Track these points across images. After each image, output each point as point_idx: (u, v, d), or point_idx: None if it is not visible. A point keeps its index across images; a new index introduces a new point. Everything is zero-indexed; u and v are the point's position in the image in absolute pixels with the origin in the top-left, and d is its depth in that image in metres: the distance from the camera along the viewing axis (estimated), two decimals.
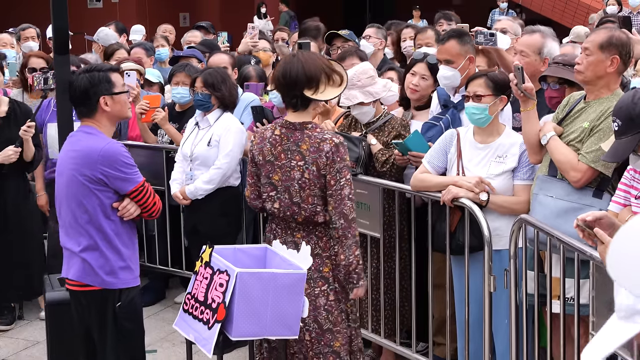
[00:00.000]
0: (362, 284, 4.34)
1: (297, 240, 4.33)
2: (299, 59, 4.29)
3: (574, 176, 4.31)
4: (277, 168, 4.32)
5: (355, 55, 6.39)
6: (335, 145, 4.21)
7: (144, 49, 8.34)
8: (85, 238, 4.20)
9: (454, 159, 4.83)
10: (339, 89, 4.34)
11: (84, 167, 4.16)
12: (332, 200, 4.22)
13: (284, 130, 4.31)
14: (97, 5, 21.41)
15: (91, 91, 4.22)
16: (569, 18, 17.40)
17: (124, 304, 4.23)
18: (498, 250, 4.60)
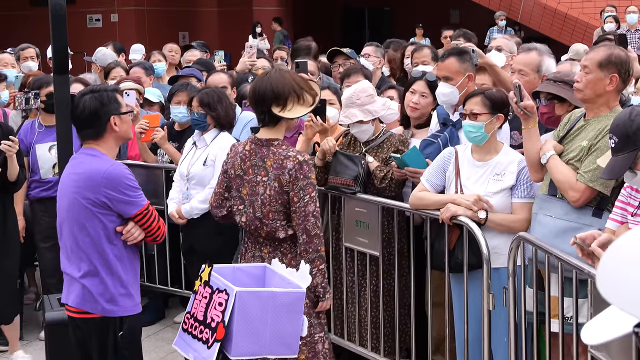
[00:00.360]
0: (327, 297, 4.42)
1: (263, 255, 4.46)
2: (269, 77, 4.37)
3: (572, 196, 4.31)
4: (245, 182, 4.45)
5: (360, 72, 6.43)
6: (299, 163, 4.28)
7: (143, 68, 8.35)
8: (85, 263, 4.12)
9: (452, 177, 4.85)
10: (309, 108, 4.40)
11: (86, 190, 4.09)
12: (295, 217, 4.32)
13: (253, 146, 4.43)
14: (96, 25, 21.50)
15: (102, 111, 4.15)
16: (567, 35, 17.46)
17: (125, 333, 4.17)
18: (497, 269, 4.60)
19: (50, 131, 6.57)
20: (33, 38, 10.76)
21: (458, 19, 23.29)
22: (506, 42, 6.89)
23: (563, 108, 4.82)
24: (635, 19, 14.52)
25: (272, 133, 4.41)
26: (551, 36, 17.75)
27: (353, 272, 5.50)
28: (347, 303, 5.56)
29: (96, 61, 9.03)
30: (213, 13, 23.60)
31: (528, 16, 18.47)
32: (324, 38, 8.26)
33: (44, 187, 6.52)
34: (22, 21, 20.47)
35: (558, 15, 17.84)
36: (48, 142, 6.54)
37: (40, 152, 6.51)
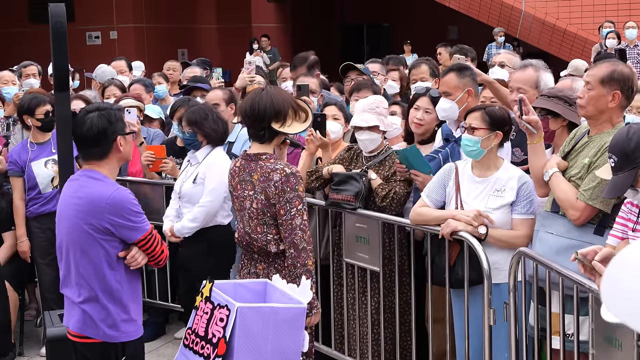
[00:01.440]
0: (315, 312, 4.40)
1: (258, 271, 4.48)
2: (268, 93, 4.38)
3: (572, 214, 4.29)
4: (235, 198, 4.52)
5: (371, 89, 6.46)
6: (285, 175, 4.30)
7: (143, 85, 8.36)
8: (85, 289, 4.03)
9: (453, 192, 4.85)
10: (304, 124, 4.44)
11: (89, 216, 3.97)
12: (282, 230, 4.33)
13: (243, 162, 4.47)
14: (95, 42, 21.54)
15: (109, 130, 4.03)
16: (565, 51, 17.52)
17: (128, 358, 4.11)
18: (497, 284, 4.60)
19: (43, 148, 6.61)
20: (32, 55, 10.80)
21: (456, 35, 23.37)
22: (510, 57, 6.92)
23: (557, 123, 4.81)
24: (634, 34, 14.57)
25: (263, 148, 4.43)
26: (550, 52, 17.81)
27: (354, 287, 5.50)
28: (348, 318, 5.55)
29: (96, 78, 9.06)
30: (212, 30, 23.68)
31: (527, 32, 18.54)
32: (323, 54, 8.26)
33: (42, 202, 6.54)
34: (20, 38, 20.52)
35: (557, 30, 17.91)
36: (43, 158, 6.59)
37: (37, 168, 6.54)
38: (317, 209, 5.70)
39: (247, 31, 23.02)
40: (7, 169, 6.64)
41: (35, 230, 6.58)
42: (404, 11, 24.95)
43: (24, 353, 6.66)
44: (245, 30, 23.03)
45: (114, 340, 4.07)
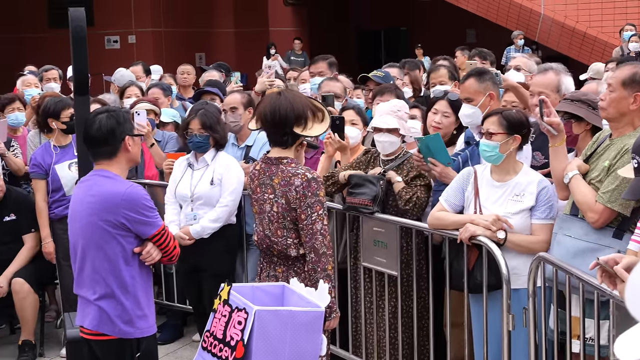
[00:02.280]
0: (334, 316, 4.44)
1: (277, 274, 4.50)
2: (287, 98, 4.39)
3: (591, 217, 4.26)
4: (254, 201, 4.53)
5: (394, 93, 6.46)
6: (307, 180, 4.31)
7: (161, 88, 8.40)
8: (101, 286, 4.11)
9: (471, 197, 4.84)
10: (324, 125, 4.45)
11: (105, 212, 4.07)
12: (303, 234, 4.36)
13: (263, 165, 4.48)
14: (114, 47, 21.66)
15: (117, 130, 4.14)
16: (585, 54, 17.44)
17: (143, 354, 4.17)
18: (516, 290, 4.58)
19: (65, 151, 6.67)
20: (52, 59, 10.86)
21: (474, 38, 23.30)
22: (525, 61, 6.89)
23: (580, 127, 4.78)
24: None
25: (284, 152, 4.45)
26: (569, 55, 17.73)
27: (371, 291, 5.49)
28: (365, 322, 5.55)
29: (114, 81, 9.10)
30: (230, 34, 23.73)
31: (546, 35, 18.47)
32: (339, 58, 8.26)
33: (67, 204, 6.53)
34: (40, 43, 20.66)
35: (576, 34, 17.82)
36: (66, 161, 6.65)
37: (61, 171, 6.59)
38: (334, 213, 5.70)
39: (264, 35, 23.06)
40: (30, 172, 6.69)
41: (59, 232, 6.61)
42: (421, 15, 24.91)
43: (44, 354, 6.71)
44: (262, 34, 23.07)
45: (130, 337, 4.14)
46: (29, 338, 6.62)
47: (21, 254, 6.70)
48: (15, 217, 6.73)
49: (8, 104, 7.58)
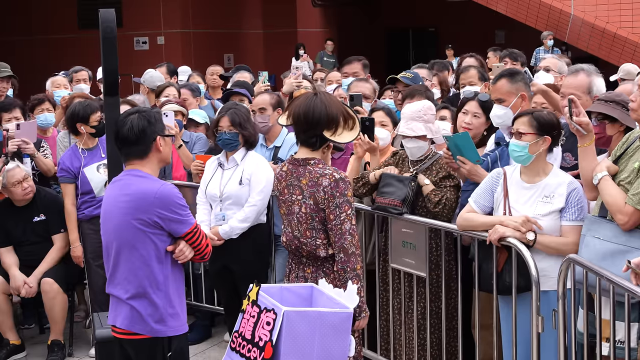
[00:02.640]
0: (363, 316, 4.45)
1: (306, 275, 4.53)
2: (322, 100, 4.39)
3: (620, 219, 4.21)
4: (282, 202, 4.55)
5: (424, 95, 6.44)
6: (335, 181, 4.33)
7: (189, 89, 8.43)
8: (133, 285, 4.14)
9: (501, 198, 4.81)
10: (353, 133, 4.46)
11: (138, 211, 4.09)
12: (332, 234, 4.38)
13: (290, 166, 4.49)
14: (143, 48, 21.77)
15: (149, 130, 4.16)
16: (615, 55, 17.29)
17: (174, 353, 4.20)
18: (545, 292, 4.55)
19: (93, 153, 6.72)
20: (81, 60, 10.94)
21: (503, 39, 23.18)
22: (555, 62, 6.84)
23: (614, 128, 4.74)
24: None
25: (311, 153, 4.47)
26: (599, 56, 17.58)
27: (400, 293, 5.48)
28: (394, 324, 5.53)
29: (144, 82, 9.13)
30: (258, 35, 23.79)
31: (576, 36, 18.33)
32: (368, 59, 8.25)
33: (97, 204, 6.59)
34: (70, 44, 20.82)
35: (607, 35, 17.68)
36: (94, 163, 6.69)
37: (90, 173, 6.63)
38: (363, 214, 5.69)
39: (292, 36, 23.09)
40: (59, 176, 6.72)
41: (89, 232, 6.65)
42: (450, 15, 24.83)
43: (73, 354, 6.75)
44: (291, 35, 23.10)
45: (161, 335, 4.17)
46: (58, 338, 6.67)
47: (50, 254, 6.75)
48: (45, 218, 6.78)
49: (37, 105, 7.65)
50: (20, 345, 6.75)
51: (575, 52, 19.49)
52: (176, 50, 21.06)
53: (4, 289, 6.61)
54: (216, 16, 22.10)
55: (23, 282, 6.55)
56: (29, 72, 13.01)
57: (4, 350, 6.63)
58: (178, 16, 21.56)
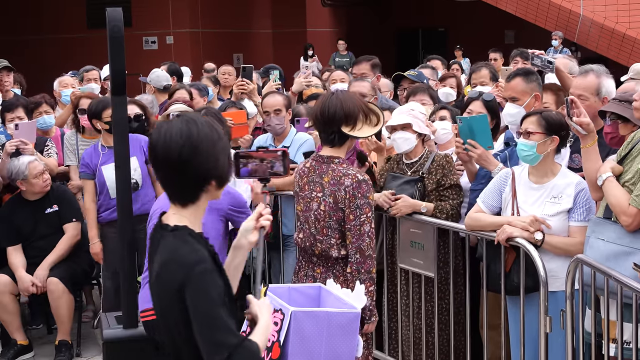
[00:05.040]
0: (373, 320, 4.45)
1: (315, 275, 4.52)
2: (338, 97, 4.43)
3: (624, 220, 4.19)
4: (300, 199, 4.55)
5: (427, 93, 6.44)
6: (357, 182, 4.34)
7: (197, 89, 8.46)
8: None
9: (509, 198, 4.80)
10: (375, 128, 4.50)
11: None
12: (350, 235, 4.37)
13: (314, 162, 4.50)
14: (152, 47, 21.81)
15: None
16: (625, 56, 17.24)
17: None
18: (553, 292, 4.53)
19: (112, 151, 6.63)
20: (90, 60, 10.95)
21: (513, 39, 23.16)
22: (566, 62, 6.79)
23: (627, 128, 4.71)
24: None
25: (335, 151, 4.49)
26: (608, 56, 17.53)
27: (407, 293, 5.47)
28: (402, 324, 5.52)
29: (150, 82, 9.11)
30: (267, 34, 23.82)
31: (585, 36, 18.29)
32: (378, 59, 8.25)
33: (113, 208, 6.57)
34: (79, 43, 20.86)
35: (616, 35, 17.63)
36: (113, 162, 6.59)
37: (107, 172, 6.53)
38: None
39: (302, 36, 23.10)
40: (80, 172, 6.69)
41: (112, 236, 6.59)
42: (459, 16, 24.80)
43: (81, 354, 6.75)
44: (300, 35, 23.12)
45: None
46: (65, 338, 6.68)
47: (61, 243, 6.74)
48: (58, 208, 6.79)
49: (35, 108, 7.53)
50: (28, 345, 6.75)
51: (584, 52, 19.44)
52: (185, 50, 21.10)
53: (11, 289, 6.62)
54: (225, 16, 22.13)
55: (31, 283, 6.55)
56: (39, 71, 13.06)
57: (12, 351, 6.63)
58: (187, 16, 21.59)
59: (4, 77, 8.40)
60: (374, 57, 7.85)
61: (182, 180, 2.83)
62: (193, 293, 2.70)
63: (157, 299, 2.84)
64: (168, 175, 2.85)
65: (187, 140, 2.79)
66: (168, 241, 2.81)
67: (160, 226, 2.89)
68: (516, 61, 8.61)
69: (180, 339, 2.79)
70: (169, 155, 2.79)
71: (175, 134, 2.80)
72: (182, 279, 2.71)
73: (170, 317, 2.78)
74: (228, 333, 2.70)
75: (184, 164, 2.79)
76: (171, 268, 2.74)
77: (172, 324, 2.78)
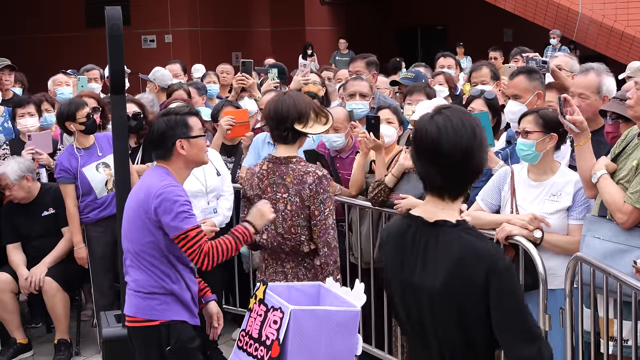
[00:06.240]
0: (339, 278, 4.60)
1: (286, 271, 4.63)
2: (290, 97, 4.61)
3: (620, 218, 4.19)
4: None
5: (423, 92, 6.45)
6: (318, 177, 4.49)
7: (195, 88, 8.45)
8: None
9: (508, 196, 4.80)
10: (325, 126, 4.63)
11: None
12: (316, 230, 4.51)
13: (270, 165, 4.60)
14: (151, 46, 21.77)
15: (168, 134, 4.25)
16: (623, 54, 17.24)
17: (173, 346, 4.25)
18: (553, 290, 4.53)
19: (89, 152, 6.60)
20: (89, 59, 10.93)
21: (511, 37, 23.15)
22: (567, 60, 6.77)
23: (627, 127, 4.71)
24: None
25: (290, 150, 4.60)
26: (607, 54, 17.53)
27: None
28: None
29: (155, 80, 9.08)
30: (266, 33, 23.79)
31: (584, 34, 18.28)
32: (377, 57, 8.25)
33: (101, 208, 6.57)
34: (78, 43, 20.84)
35: (614, 33, 17.63)
36: (93, 163, 6.57)
37: (90, 173, 6.52)
38: (370, 212, 5.68)
39: (300, 34, 23.09)
40: (58, 177, 6.58)
41: (95, 235, 6.59)
42: (458, 14, 24.80)
43: (80, 353, 6.75)
44: (299, 33, 23.10)
45: None
46: (64, 337, 6.67)
47: (60, 245, 6.74)
48: (54, 211, 6.77)
49: (19, 107, 7.33)
50: (27, 344, 6.76)
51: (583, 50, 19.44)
52: (184, 48, 21.07)
53: (11, 287, 6.62)
54: (224, 14, 22.11)
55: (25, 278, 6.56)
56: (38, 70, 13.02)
57: (11, 349, 6.64)
58: (186, 14, 21.57)
59: (5, 76, 8.39)
60: (370, 55, 7.86)
61: (461, 174, 2.82)
62: (500, 285, 2.69)
63: (451, 296, 2.76)
64: (447, 170, 2.80)
65: (472, 134, 2.78)
66: (454, 236, 2.78)
67: (425, 224, 2.83)
68: (516, 59, 8.59)
69: (464, 337, 2.78)
70: (455, 150, 2.76)
71: (457, 127, 2.77)
72: (486, 272, 2.69)
73: (469, 314, 2.74)
74: (534, 323, 2.75)
75: (470, 157, 2.78)
76: (470, 262, 2.71)
77: (469, 320, 2.75)
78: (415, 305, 2.85)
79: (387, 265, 2.98)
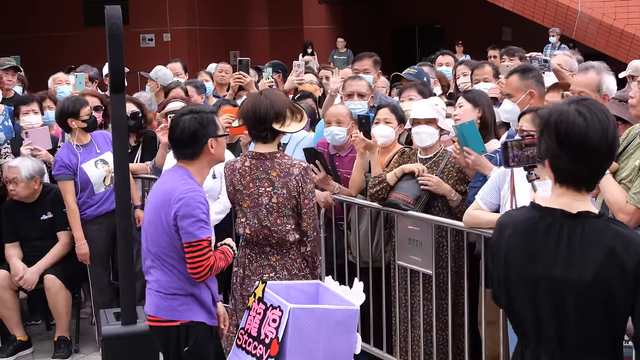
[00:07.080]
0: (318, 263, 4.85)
1: (272, 263, 4.70)
2: (267, 97, 4.67)
3: (622, 218, 4.15)
4: (246, 196, 4.70)
5: (415, 89, 6.45)
6: (304, 169, 4.66)
7: (194, 86, 8.46)
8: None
9: (508, 195, 4.79)
10: (301, 124, 4.75)
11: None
12: (306, 217, 4.68)
13: (254, 161, 4.68)
14: (149, 45, 21.78)
15: (200, 133, 4.23)
16: (623, 52, 17.24)
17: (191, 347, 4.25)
18: None
19: (88, 149, 6.62)
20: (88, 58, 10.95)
21: (510, 36, 23.14)
22: (567, 59, 6.77)
23: (626, 128, 4.71)
24: None
25: (270, 147, 4.69)
26: (607, 53, 17.51)
27: (405, 290, 5.47)
28: (400, 321, 5.53)
29: (157, 79, 9.06)
30: (264, 32, 23.79)
31: (583, 33, 18.28)
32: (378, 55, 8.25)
33: (97, 204, 6.58)
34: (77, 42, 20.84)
35: (614, 32, 17.63)
36: (91, 159, 6.60)
37: (89, 170, 6.54)
38: (368, 211, 5.68)
39: (298, 33, 23.10)
40: (57, 173, 6.56)
41: (93, 232, 6.59)
42: (456, 12, 24.79)
43: (80, 350, 6.75)
44: (297, 32, 23.11)
45: None
46: (64, 334, 6.68)
47: (54, 250, 6.73)
48: (52, 215, 6.77)
49: (23, 104, 7.38)
50: (27, 341, 6.76)
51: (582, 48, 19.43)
52: (182, 47, 21.07)
53: (11, 284, 6.62)
54: (222, 13, 22.11)
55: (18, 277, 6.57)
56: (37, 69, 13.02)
57: (11, 346, 6.64)
58: (184, 13, 21.57)
59: (8, 77, 8.39)
60: (374, 54, 7.86)
61: (606, 166, 2.83)
62: None
63: (602, 286, 2.71)
64: (594, 162, 2.78)
65: (613, 124, 2.75)
66: (602, 226, 2.76)
67: (567, 215, 2.80)
68: (503, 59, 8.60)
69: (610, 333, 2.83)
70: (602, 142, 2.73)
71: (602, 119, 2.73)
72: (638, 262, 2.66)
73: (619, 305, 2.72)
74: None
75: (614, 149, 2.79)
76: (620, 252, 2.67)
77: (619, 311, 2.74)
78: (552, 300, 2.78)
79: (506, 259, 2.89)
